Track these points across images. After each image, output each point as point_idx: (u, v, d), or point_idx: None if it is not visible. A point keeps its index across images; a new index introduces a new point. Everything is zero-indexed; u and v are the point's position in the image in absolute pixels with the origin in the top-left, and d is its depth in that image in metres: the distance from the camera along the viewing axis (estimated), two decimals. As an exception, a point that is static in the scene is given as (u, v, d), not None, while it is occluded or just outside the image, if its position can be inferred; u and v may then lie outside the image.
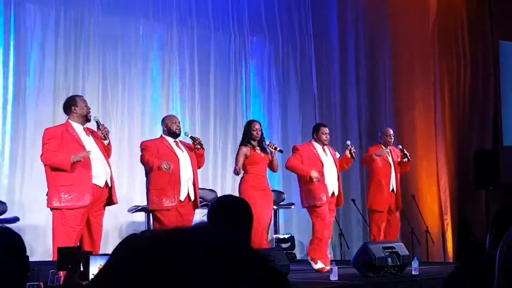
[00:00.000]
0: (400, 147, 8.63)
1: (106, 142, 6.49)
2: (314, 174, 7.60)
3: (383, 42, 11.41)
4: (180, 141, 7.14)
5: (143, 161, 6.94)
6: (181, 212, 6.86)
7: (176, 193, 6.79)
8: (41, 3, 8.65)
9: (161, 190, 6.80)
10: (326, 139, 7.88)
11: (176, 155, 6.92)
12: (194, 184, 6.98)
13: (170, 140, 7.04)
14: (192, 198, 6.96)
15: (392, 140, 8.62)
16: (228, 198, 3.43)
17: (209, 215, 3.17)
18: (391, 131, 8.67)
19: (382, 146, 8.59)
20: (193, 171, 6.99)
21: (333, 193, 7.85)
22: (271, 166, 7.62)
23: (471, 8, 12.36)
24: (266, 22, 10.52)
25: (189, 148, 7.10)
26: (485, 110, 12.31)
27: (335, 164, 7.90)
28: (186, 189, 6.90)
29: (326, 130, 7.94)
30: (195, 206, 7.02)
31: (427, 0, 11.90)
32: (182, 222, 6.74)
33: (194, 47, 9.82)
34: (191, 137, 7.15)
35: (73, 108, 6.38)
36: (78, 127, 6.35)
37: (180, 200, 6.85)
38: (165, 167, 6.62)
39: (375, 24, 11.35)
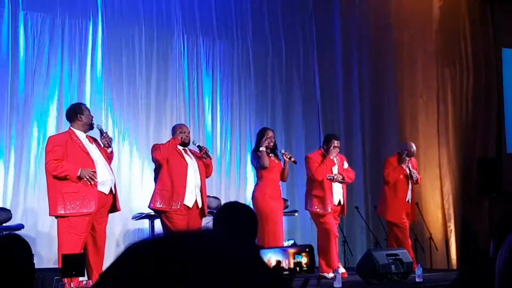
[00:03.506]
0: (410, 166, 8.67)
1: (109, 150, 6.52)
2: (330, 176, 7.76)
3: (386, 50, 11.42)
4: (189, 149, 7.18)
5: (155, 159, 6.99)
6: (189, 219, 6.87)
7: (181, 198, 6.80)
8: (46, 11, 8.68)
9: (166, 191, 6.83)
10: (335, 152, 7.92)
11: (185, 161, 6.96)
12: (202, 192, 6.99)
13: (180, 147, 7.08)
14: (200, 205, 6.97)
15: (414, 154, 8.74)
16: (234, 204, 3.43)
17: (214, 221, 3.18)
18: (414, 147, 8.73)
19: (406, 158, 8.65)
20: (201, 179, 7.00)
21: (339, 202, 7.91)
22: (282, 175, 7.68)
23: (473, 16, 12.39)
24: (269, 31, 10.53)
25: (197, 157, 7.14)
26: (488, 117, 12.31)
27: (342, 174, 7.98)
28: (194, 196, 6.91)
29: (337, 143, 7.95)
30: (203, 214, 7.02)
31: (430, 8, 11.93)
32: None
33: (198, 55, 9.84)
34: (198, 146, 7.20)
35: (78, 116, 6.41)
36: (81, 135, 6.38)
37: (188, 207, 6.86)
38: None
39: (378, 33, 11.36)
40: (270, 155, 7.62)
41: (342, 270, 7.58)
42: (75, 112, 6.47)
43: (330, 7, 11.07)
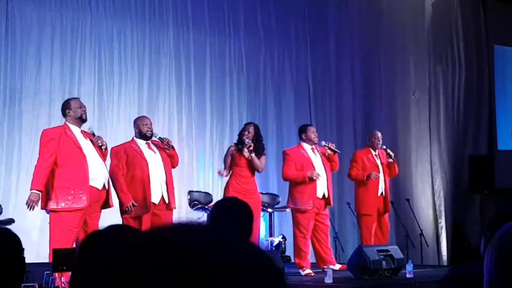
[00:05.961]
0: (384, 147, 8.52)
1: (103, 147, 6.47)
2: (314, 173, 7.58)
3: (379, 47, 11.44)
4: (152, 142, 7.01)
5: (111, 169, 6.75)
6: (158, 214, 6.76)
7: (148, 198, 6.71)
8: (37, 5, 8.66)
9: (132, 196, 6.71)
10: (315, 137, 7.83)
11: (145, 159, 6.79)
12: (168, 185, 6.85)
13: (142, 142, 6.90)
14: (167, 200, 6.82)
15: (380, 143, 8.49)
16: (230, 200, 3.42)
17: (210, 216, 3.17)
18: (379, 134, 8.53)
19: (370, 149, 8.50)
20: (165, 172, 6.86)
21: (323, 195, 7.76)
22: (255, 167, 7.51)
23: (465, 13, 12.41)
24: (262, 26, 10.53)
25: (162, 149, 7.00)
26: (480, 114, 12.34)
27: (324, 165, 7.84)
28: (160, 191, 6.78)
29: (313, 129, 7.91)
30: (169, 207, 6.84)
31: (422, 4, 11.95)
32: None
33: (190, 50, 9.82)
34: (159, 138, 6.99)
35: (67, 111, 6.41)
36: (75, 130, 6.35)
37: (154, 203, 6.78)
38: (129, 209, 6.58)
39: (370, 29, 11.37)
40: (244, 151, 7.48)
41: (307, 271, 7.55)
42: (64, 108, 6.48)
43: (323, 3, 11.07)
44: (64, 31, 8.79)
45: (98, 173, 6.29)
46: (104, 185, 6.36)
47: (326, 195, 7.75)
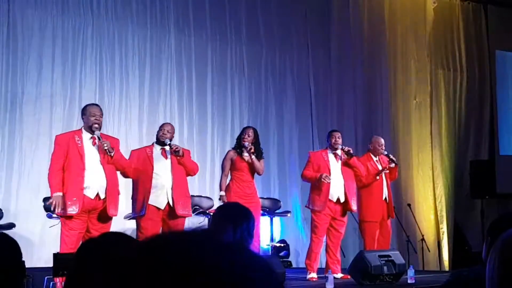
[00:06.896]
0: (386, 153, 8.48)
1: (111, 153, 6.37)
2: (323, 175, 7.61)
3: (380, 52, 11.44)
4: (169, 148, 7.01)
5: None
6: (166, 220, 6.78)
7: (146, 201, 6.69)
8: (39, 9, 8.67)
9: (136, 199, 6.77)
10: (335, 143, 7.86)
11: (152, 164, 6.81)
12: (174, 192, 6.79)
13: (157, 147, 6.93)
14: (172, 205, 6.78)
15: (384, 149, 8.46)
16: (232, 205, 3.42)
17: (212, 221, 3.17)
18: (383, 141, 8.48)
19: (371, 155, 8.45)
20: (173, 179, 6.84)
21: (338, 200, 7.76)
22: (255, 170, 7.50)
23: (467, 18, 12.42)
24: (263, 30, 10.53)
25: (175, 156, 6.98)
26: (481, 119, 12.34)
27: (342, 171, 7.84)
28: (165, 197, 6.78)
29: (337, 134, 7.92)
30: (175, 214, 6.79)
31: (423, 10, 11.95)
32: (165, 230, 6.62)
33: (191, 55, 9.83)
34: (169, 145, 7.02)
35: (83, 117, 6.42)
36: (86, 136, 6.33)
37: (159, 208, 6.75)
38: None
39: (372, 34, 11.38)
40: (245, 155, 7.48)
41: (312, 275, 7.55)
42: (82, 113, 6.48)
43: (324, 9, 11.07)
44: (65, 36, 8.80)
45: (93, 182, 6.25)
46: (98, 194, 6.30)
47: (342, 200, 7.76)
